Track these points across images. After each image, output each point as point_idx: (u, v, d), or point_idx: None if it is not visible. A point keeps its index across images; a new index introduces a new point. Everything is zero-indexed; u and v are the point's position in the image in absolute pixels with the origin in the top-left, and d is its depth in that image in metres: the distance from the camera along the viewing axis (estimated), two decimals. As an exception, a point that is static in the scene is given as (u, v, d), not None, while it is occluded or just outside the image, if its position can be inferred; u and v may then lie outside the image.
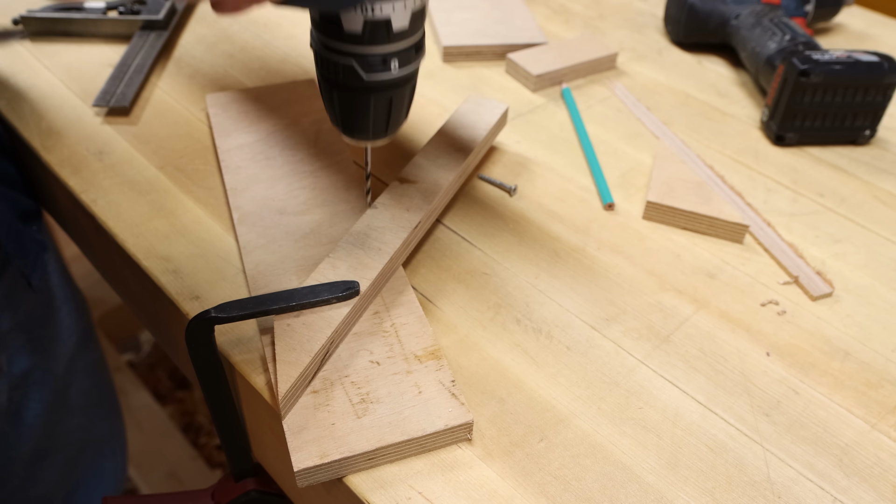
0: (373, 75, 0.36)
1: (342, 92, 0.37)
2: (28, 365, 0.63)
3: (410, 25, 0.36)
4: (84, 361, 0.73)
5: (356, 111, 0.37)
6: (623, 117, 0.65)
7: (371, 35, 0.35)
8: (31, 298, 0.63)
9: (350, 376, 0.40)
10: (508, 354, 0.44)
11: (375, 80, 0.36)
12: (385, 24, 0.35)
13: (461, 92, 0.67)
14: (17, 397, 0.62)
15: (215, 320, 0.38)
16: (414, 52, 0.37)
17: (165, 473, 1.18)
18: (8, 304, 0.59)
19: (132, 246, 0.49)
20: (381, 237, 0.46)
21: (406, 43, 0.36)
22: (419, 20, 0.37)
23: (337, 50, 0.35)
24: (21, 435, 0.64)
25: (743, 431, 0.41)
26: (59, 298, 0.68)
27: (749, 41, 0.68)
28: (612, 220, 0.54)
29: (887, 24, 0.83)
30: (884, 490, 0.38)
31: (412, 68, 0.38)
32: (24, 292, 0.62)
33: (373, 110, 0.38)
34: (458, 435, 0.39)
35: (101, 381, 0.78)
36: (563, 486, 0.37)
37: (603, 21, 0.80)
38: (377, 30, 0.35)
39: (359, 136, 0.39)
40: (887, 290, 0.50)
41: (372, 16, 0.34)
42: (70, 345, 0.70)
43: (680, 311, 0.47)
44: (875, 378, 0.44)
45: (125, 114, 0.62)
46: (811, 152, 0.62)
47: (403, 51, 0.36)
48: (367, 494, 0.37)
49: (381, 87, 0.37)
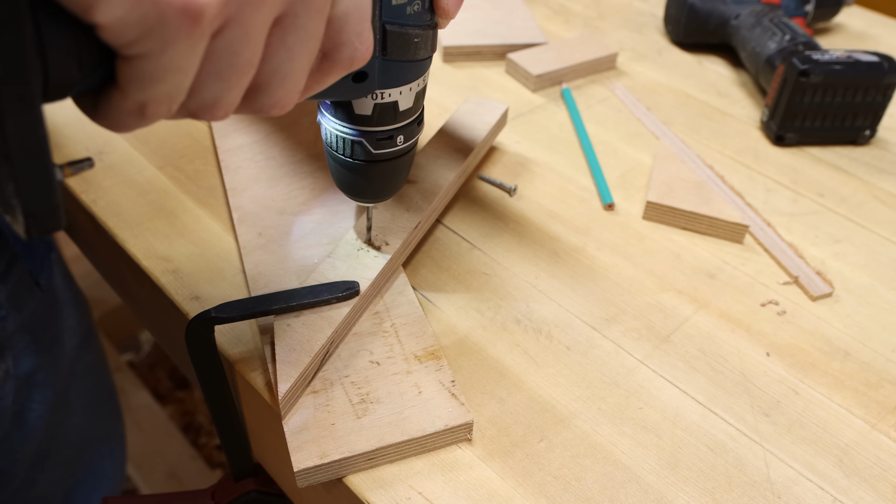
0: (380, 151, 0.39)
1: (351, 163, 0.40)
2: (32, 366, 0.63)
3: (414, 104, 0.39)
4: (85, 362, 0.73)
5: (363, 178, 0.41)
6: (623, 117, 0.65)
7: (379, 117, 0.38)
8: (36, 299, 0.63)
9: (350, 376, 0.40)
10: (508, 354, 0.44)
11: (382, 153, 0.39)
12: (392, 107, 0.38)
13: (461, 92, 0.67)
14: (21, 398, 0.62)
15: (215, 320, 0.38)
16: (416, 125, 0.40)
17: (165, 473, 1.18)
18: (13, 305, 0.59)
19: (132, 246, 0.49)
20: (381, 237, 0.46)
21: (410, 119, 0.39)
22: (421, 98, 0.40)
23: (347, 129, 0.38)
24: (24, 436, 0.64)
25: (743, 431, 0.41)
26: (62, 299, 0.68)
27: (749, 41, 0.68)
28: (612, 220, 0.54)
29: (887, 24, 0.83)
30: (884, 490, 0.38)
31: (414, 140, 0.41)
32: (29, 293, 0.62)
33: (378, 178, 0.41)
34: (458, 435, 0.39)
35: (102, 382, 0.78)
36: (563, 486, 0.37)
37: (603, 21, 0.80)
38: (385, 112, 0.38)
39: (364, 199, 0.43)
40: (887, 290, 0.50)
41: (381, 100, 0.37)
42: (72, 345, 0.70)
43: (680, 311, 0.47)
44: (875, 378, 0.44)
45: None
46: (811, 152, 0.62)
47: (407, 126, 0.39)
48: (367, 494, 0.37)
49: (387, 159, 0.40)
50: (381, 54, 0.35)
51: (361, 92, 0.36)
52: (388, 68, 0.36)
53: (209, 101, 0.27)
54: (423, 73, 0.38)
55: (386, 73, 0.36)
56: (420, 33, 0.36)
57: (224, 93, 0.27)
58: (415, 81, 0.38)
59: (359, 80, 0.36)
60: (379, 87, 0.37)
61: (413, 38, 0.35)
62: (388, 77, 0.36)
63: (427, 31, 0.36)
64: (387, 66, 0.36)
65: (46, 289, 0.63)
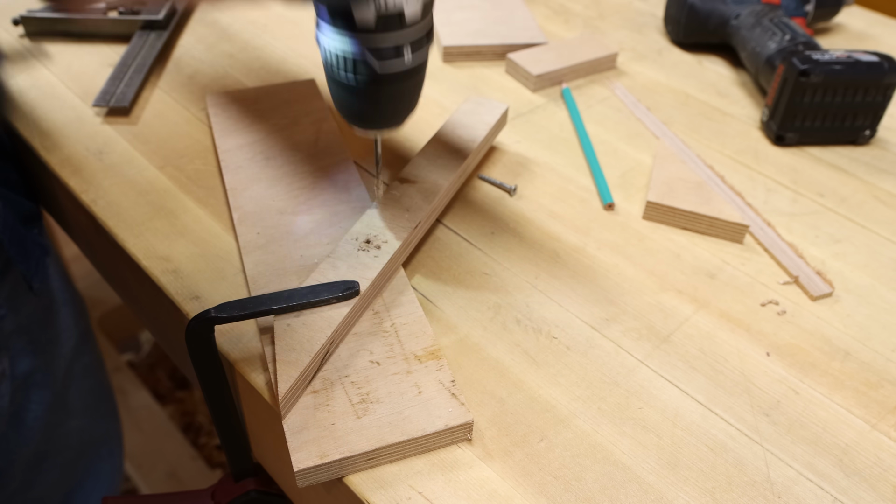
0: (386, 65, 0.35)
1: (354, 86, 0.36)
2: (29, 367, 0.63)
3: (422, 12, 0.35)
4: (82, 363, 0.73)
5: (368, 102, 0.36)
6: (623, 117, 0.65)
7: (384, 25, 0.34)
8: (33, 301, 0.63)
9: (350, 376, 0.40)
10: (508, 354, 0.44)
11: (389, 72, 0.35)
12: (398, 14, 0.34)
13: (461, 92, 0.67)
14: (18, 399, 0.62)
15: (215, 320, 0.38)
16: (425, 38, 0.36)
17: (165, 473, 1.18)
18: (10, 307, 0.59)
19: (132, 246, 0.49)
20: (381, 237, 0.46)
21: (418, 30, 0.35)
22: (430, 6, 0.36)
23: (348, 41, 0.34)
24: (21, 437, 0.64)
25: (743, 431, 0.41)
26: (59, 301, 0.68)
27: (749, 41, 0.68)
28: (612, 220, 0.54)
29: (887, 24, 0.83)
30: (884, 490, 0.38)
31: (424, 56, 0.37)
32: (26, 295, 0.62)
33: (385, 100, 0.37)
34: (458, 435, 0.39)
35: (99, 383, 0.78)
36: (563, 486, 0.37)
37: (603, 21, 0.80)
38: (390, 20, 0.34)
39: (370, 126, 0.38)
40: (887, 290, 0.50)
41: (385, 9, 0.33)
42: (70, 346, 0.70)
43: (680, 311, 0.47)
44: (875, 378, 0.44)
45: (125, 114, 0.62)
46: (811, 152, 0.62)
47: (416, 39, 0.35)
48: (367, 494, 0.37)
49: (395, 78, 0.36)
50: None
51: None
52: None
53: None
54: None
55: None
56: None
57: None
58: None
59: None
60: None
61: None
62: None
63: None
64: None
65: (40, 293, 0.62)
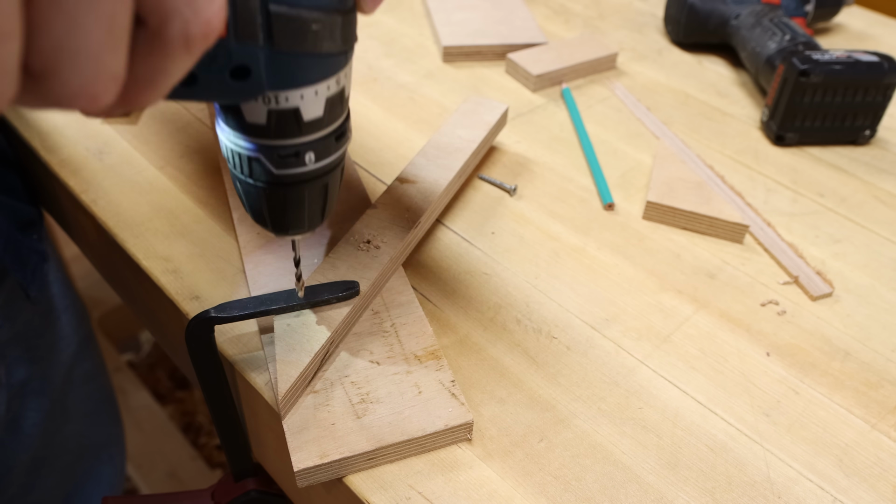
0: (284, 171, 0.31)
1: (252, 185, 0.32)
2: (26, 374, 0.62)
3: (326, 114, 0.30)
4: (83, 369, 0.73)
5: (269, 205, 0.32)
6: (623, 117, 0.65)
7: (277, 127, 0.30)
8: (30, 309, 0.62)
9: (350, 376, 0.40)
10: (508, 354, 0.44)
11: (287, 174, 0.31)
12: (293, 114, 0.29)
13: (461, 92, 0.67)
14: (15, 406, 0.62)
15: (215, 320, 0.38)
16: (333, 140, 0.32)
17: (165, 473, 1.18)
18: (6, 314, 0.59)
19: (132, 246, 0.49)
20: (381, 237, 0.46)
21: (322, 133, 0.31)
22: (338, 106, 0.31)
23: (242, 140, 0.30)
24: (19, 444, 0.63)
25: (743, 431, 0.41)
26: (58, 307, 0.68)
27: (749, 41, 0.68)
28: (612, 220, 0.54)
29: (887, 24, 0.83)
30: (884, 490, 0.38)
31: (333, 159, 0.32)
32: (23, 303, 0.61)
33: (290, 205, 0.32)
34: (458, 435, 0.39)
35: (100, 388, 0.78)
36: (563, 486, 0.37)
37: (603, 21, 0.80)
38: (284, 120, 0.29)
39: (278, 232, 0.34)
40: (887, 290, 0.50)
41: (276, 106, 0.29)
42: (69, 353, 0.69)
43: (680, 311, 0.47)
44: (875, 378, 0.44)
45: (125, 114, 0.62)
46: (811, 152, 0.62)
47: (319, 140, 0.31)
48: (367, 494, 0.37)
49: (297, 180, 0.31)
50: (267, 44, 0.27)
51: (247, 93, 0.28)
52: (280, 63, 0.28)
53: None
54: (333, 73, 0.30)
55: (277, 69, 0.28)
56: (321, 18, 0.27)
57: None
58: (322, 83, 0.29)
59: (239, 76, 0.27)
60: (270, 88, 0.28)
61: (310, 25, 0.27)
62: (280, 75, 0.28)
63: (332, 17, 0.28)
64: (278, 59, 0.27)
65: (37, 301, 0.62)
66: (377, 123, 0.62)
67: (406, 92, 0.66)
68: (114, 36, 0.21)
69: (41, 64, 0.21)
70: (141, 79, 0.23)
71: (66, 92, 0.22)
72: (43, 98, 0.22)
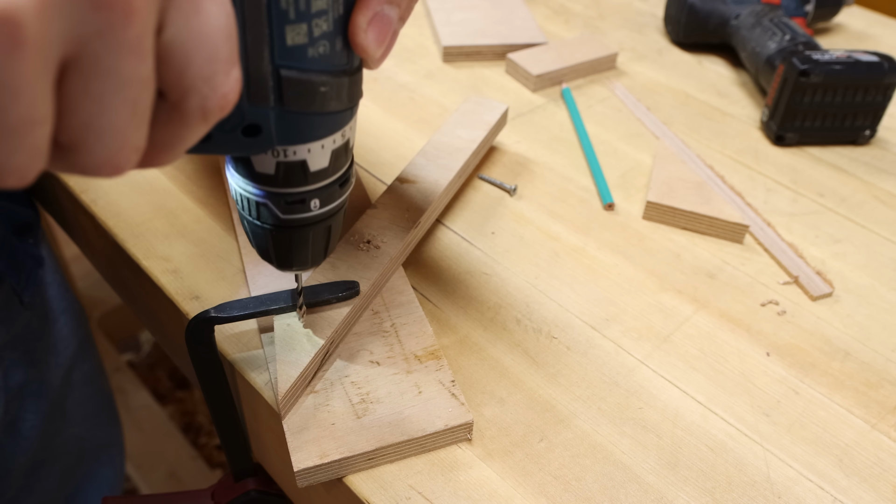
0: (290, 216, 0.33)
1: (259, 226, 0.34)
2: (24, 377, 0.62)
3: (331, 164, 0.32)
4: (82, 371, 0.72)
5: (275, 245, 0.34)
6: (623, 117, 0.65)
7: (285, 177, 0.31)
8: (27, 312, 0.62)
9: (350, 376, 0.40)
10: (508, 354, 0.44)
11: (293, 219, 0.33)
12: (300, 166, 0.31)
13: (461, 92, 0.67)
14: (13, 410, 0.61)
15: (215, 320, 0.38)
16: (337, 187, 0.34)
17: (165, 473, 1.18)
18: (3, 318, 0.59)
19: (132, 246, 0.49)
20: (381, 237, 0.46)
21: (327, 181, 0.33)
22: (342, 156, 0.33)
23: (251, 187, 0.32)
24: (18, 446, 0.63)
25: (743, 431, 0.41)
26: (56, 310, 0.67)
27: (749, 41, 0.68)
28: (612, 220, 0.54)
29: (887, 24, 0.83)
30: (884, 490, 0.38)
31: (336, 204, 0.34)
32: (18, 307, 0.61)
33: (294, 245, 0.34)
34: (458, 435, 0.39)
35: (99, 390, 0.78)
36: (563, 486, 0.37)
37: (603, 21, 0.80)
38: (292, 171, 0.31)
39: (283, 268, 0.36)
40: (887, 290, 0.50)
41: (285, 158, 0.31)
42: (67, 355, 0.69)
43: (680, 311, 0.47)
44: (875, 378, 0.44)
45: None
46: (811, 152, 0.62)
47: (324, 188, 0.33)
48: (367, 494, 0.37)
49: (302, 223, 0.33)
50: (277, 104, 0.28)
51: (257, 148, 0.30)
52: (290, 121, 0.29)
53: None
54: (339, 128, 0.31)
55: (287, 126, 0.29)
56: (329, 81, 0.29)
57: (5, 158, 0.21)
58: (328, 137, 0.31)
59: (251, 133, 0.29)
60: (280, 143, 0.30)
61: (319, 87, 0.29)
62: (290, 132, 0.30)
63: (340, 79, 0.29)
64: (287, 118, 0.29)
65: (30, 306, 0.62)
66: (377, 123, 0.62)
67: (406, 92, 0.66)
68: (137, 114, 0.23)
69: (68, 139, 0.22)
70: (159, 145, 0.25)
71: (90, 163, 0.23)
72: (67, 166, 0.23)
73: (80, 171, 0.24)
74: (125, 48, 0.21)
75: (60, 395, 0.68)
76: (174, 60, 0.23)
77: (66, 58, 0.21)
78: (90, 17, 0.20)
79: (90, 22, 0.20)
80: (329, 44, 0.28)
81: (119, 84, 0.21)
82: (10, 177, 0.21)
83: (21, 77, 0.20)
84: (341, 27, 0.29)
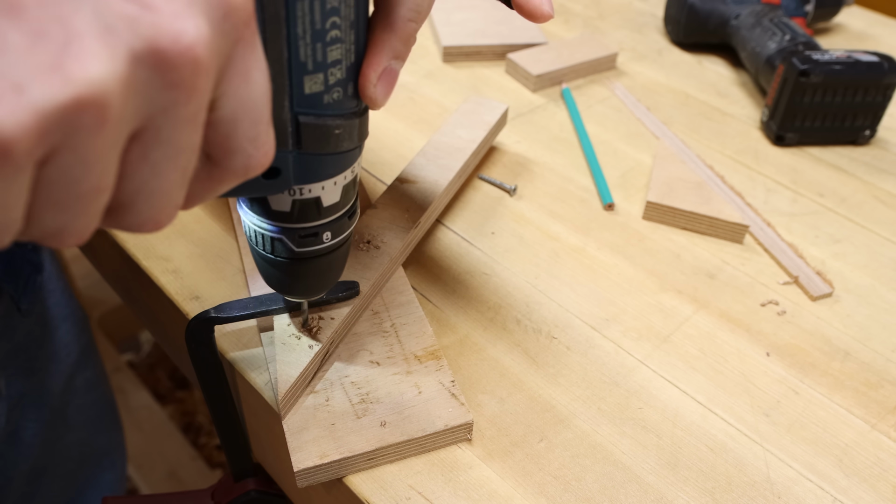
0: (304, 248, 0.35)
1: (273, 260, 0.36)
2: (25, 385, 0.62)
3: (342, 199, 0.35)
4: (83, 377, 0.72)
5: (288, 276, 0.37)
6: (623, 117, 0.65)
7: (300, 214, 0.34)
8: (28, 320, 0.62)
9: (350, 376, 0.40)
10: (508, 354, 0.44)
11: (307, 251, 0.35)
12: (314, 202, 0.33)
13: (461, 92, 0.67)
14: (14, 417, 0.61)
15: (215, 320, 0.38)
16: (346, 219, 0.36)
17: (165, 473, 1.18)
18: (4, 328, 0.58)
19: (132, 246, 0.49)
20: (381, 237, 0.46)
21: (338, 214, 0.35)
22: (351, 191, 0.35)
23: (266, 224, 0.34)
24: (19, 454, 0.63)
25: (743, 431, 0.41)
26: (57, 317, 0.67)
27: (749, 41, 0.68)
28: (612, 220, 0.54)
29: (887, 24, 0.83)
30: (884, 490, 0.38)
31: (345, 235, 0.37)
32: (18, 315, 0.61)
33: (305, 275, 0.37)
34: (458, 435, 0.39)
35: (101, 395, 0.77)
36: (563, 486, 0.37)
37: (603, 21, 0.80)
38: (307, 208, 0.33)
39: (294, 296, 0.39)
40: (887, 290, 0.50)
41: (301, 196, 0.33)
42: (69, 363, 0.69)
43: (680, 311, 0.47)
44: (875, 378, 0.44)
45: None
46: (811, 152, 0.62)
47: (335, 221, 0.35)
48: (367, 494, 0.37)
49: (313, 255, 0.36)
50: (295, 148, 0.31)
51: (275, 189, 0.32)
52: (306, 162, 0.32)
53: (52, 230, 0.23)
54: (349, 165, 0.34)
55: (304, 167, 0.32)
56: (342, 124, 0.31)
57: (69, 221, 0.22)
58: (340, 175, 0.33)
59: (271, 176, 0.31)
60: (296, 183, 0.32)
61: (333, 130, 0.31)
62: (306, 172, 0.32)
63: (351, 121, 0.32)
64: (304, 160, 0.31)
65: (28, 314, 0.61)
66: (377, 123, 0.62)
67: (406, 92, 0.66)
68: (185, 178, 0.24)
69: (119, 201, 0.23)
70: (194, 196, 0.26)
71: (136, 222, 0.24)
72: (112, 224, 0.25)
73: (123, 228, 0.25)
74: (184, 120, 0.22)
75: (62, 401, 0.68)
76: (223, 126, 0.24)
77: (133, 131, 0.22)
78: (160, 94, 0.21)
79: (159, 99, 0.21)
80: (342, 90, 0.31)
81: (174, 152, 0.23)
82: (70, 238, 0.23)
83: (99, 152, 0.21)
84: (353, 74, 0.31)
